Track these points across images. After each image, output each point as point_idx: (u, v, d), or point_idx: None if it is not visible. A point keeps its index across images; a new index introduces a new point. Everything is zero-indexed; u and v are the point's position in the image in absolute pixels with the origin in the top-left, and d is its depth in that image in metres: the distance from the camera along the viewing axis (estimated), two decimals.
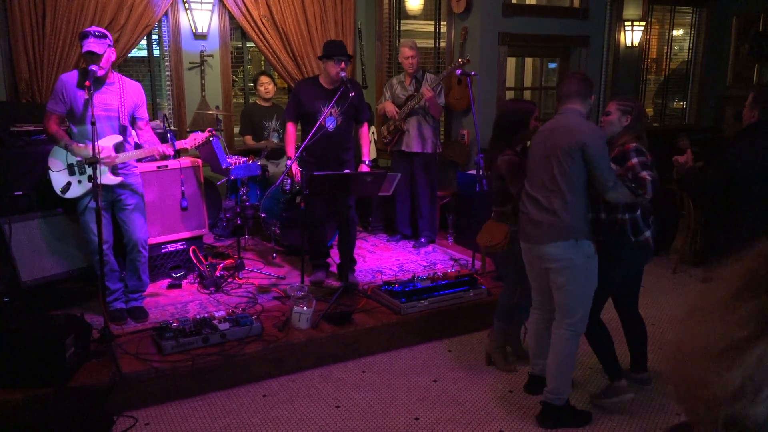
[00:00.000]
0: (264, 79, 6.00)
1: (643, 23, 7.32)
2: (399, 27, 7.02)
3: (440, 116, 5.65)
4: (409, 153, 5.49)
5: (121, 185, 3.84)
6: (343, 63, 4.35)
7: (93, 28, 3.63)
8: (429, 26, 6.87)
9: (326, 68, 4.44)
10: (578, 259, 3.00)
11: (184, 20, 6.16)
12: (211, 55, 6.34)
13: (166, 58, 6.25)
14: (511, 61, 7.05)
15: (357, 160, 4.76)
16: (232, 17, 6.33)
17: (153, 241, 4.52)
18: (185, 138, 4.41)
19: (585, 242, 3.01)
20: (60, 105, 3.70)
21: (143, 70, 6.41)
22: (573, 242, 2.99)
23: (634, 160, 3.07)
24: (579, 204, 3.00)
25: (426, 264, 5.21)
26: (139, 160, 4.11)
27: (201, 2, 6.14)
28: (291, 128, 4.62)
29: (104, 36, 3.63)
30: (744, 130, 3.53)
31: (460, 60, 5.13)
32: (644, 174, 3.02)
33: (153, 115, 5.98)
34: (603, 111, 3.44)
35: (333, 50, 4.38)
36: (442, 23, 6.48)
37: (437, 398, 3.50)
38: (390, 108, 5.48)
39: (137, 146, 3.96)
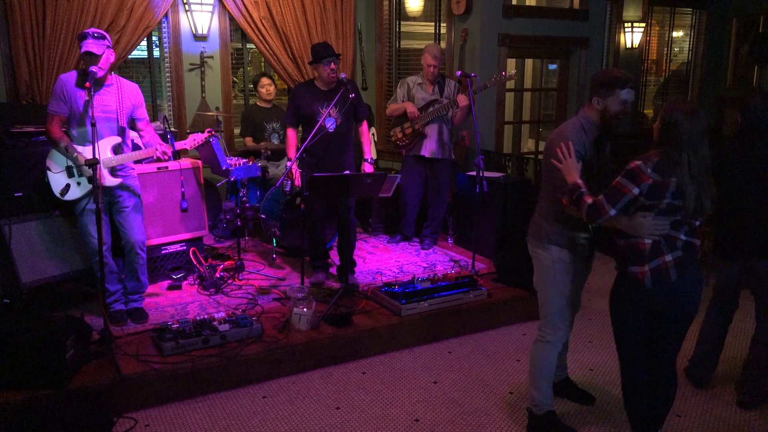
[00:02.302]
0: (265, 80, 6.02)
1: (643, 24, 7.34)
2: (399, 28, 7.02)
3: (460, 123, 5.48)
4: (429, 159, 5.37)
5: (120, 186, 3.84)
6: (333, 63, 4.36)
7: (92, 30, 3.63)
8: (429, 27, 6.87)
9: (319, 72, 4.46)
10: (545, 260, 3.02)
11: (184, 21, 6.17)
12: (212, 57, 6.34)
13: (166, 60, 6.25)
14: (511, 63, 7.05)
15: (358, 160, 4.75)
16: (232, 18, 6.34)
17: (153, 242, 4.52)
18: (185, 139, 4.41)
19: (553, 247, 2.96)
20: (62, 106, 3.69)
21: (143, 72, 6.41)
22: (542, 243, 3.02)
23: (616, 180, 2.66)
24: (550, 209, 2.96)
25: (426, 265, 5.20)
26: (138, 162, 4.11)
27: (201, 3, 6.15)
28: (291, 133, 4.63)
29: (103, 37, 3.63)
30: (736, 135, 3.59)
31: (504, 73, 5.02)
32: (587, 198, 2.66)
33: (153, 117, 5.99)
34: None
35: (322, 52, 4.39)
36: (442, 24, 6.49)
37: (437, 399, 3.50)
38: (412, 109, 5.29)
39: (135, 147, 3.96)
